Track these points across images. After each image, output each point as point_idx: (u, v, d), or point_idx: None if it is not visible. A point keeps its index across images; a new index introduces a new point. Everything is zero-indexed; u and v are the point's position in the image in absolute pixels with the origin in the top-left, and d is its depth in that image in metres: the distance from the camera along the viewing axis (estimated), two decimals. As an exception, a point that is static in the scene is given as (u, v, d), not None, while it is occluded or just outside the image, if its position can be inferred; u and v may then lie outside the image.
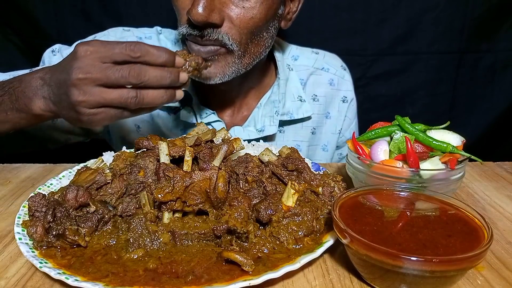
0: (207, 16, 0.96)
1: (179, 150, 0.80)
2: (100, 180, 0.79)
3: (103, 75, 0.80)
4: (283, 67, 1.34)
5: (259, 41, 1.10)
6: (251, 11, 1.02)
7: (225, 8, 1.01)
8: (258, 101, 1.33)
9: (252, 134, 1.28)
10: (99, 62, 0.80)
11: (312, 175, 0.84)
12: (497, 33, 1.87)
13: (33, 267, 0.68)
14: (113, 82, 0.81)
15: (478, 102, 1.98)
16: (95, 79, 0.80)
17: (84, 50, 0.80)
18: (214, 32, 1.01)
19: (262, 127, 1.29)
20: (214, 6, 0.98)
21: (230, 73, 1.09)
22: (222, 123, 1.29)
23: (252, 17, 1.03)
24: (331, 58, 1.45)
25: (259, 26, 1.06)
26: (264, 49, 1.15)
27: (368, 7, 1.81)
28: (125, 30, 1.34)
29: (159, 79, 0.84)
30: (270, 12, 1.07)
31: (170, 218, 0.73)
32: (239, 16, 1.02)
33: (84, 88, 0.80)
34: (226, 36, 1.02)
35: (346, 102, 1.43)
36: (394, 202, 0.73)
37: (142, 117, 1.33)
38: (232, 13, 1.01)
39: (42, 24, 1.83)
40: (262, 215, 0.72)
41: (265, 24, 1.07)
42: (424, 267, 0.54)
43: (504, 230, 0.81)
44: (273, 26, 1.13)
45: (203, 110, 1.27)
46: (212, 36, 1.01)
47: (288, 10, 1.18)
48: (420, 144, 0.85)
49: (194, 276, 0.63)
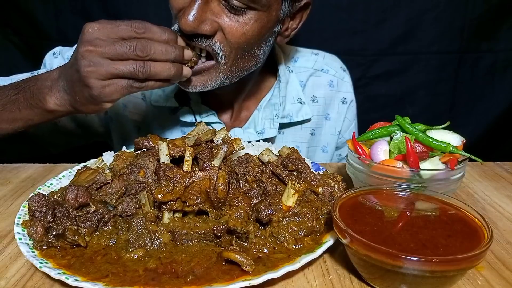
0: (196, 27, 0.94)
1: (179, 150, 0.80)
2: (100, 180, 0.79)
3: (111, 48, 0.84)
4: (284, 70, 1.33)
5: (249, 57, 1.07)
6: (244, 27, 0.99)
7: (218, 19, 0.97)
8: (258, 103, 1.33)
9: (252, 136, 1.28)
10: (106, 37, 0.85)
11: (312, 175, 0.84)
12: (497, 33, 1.87)
13: (33, 267, 0.68)
14: (121, 54, 0.85)
15: (478, 102, 1.98)
16: (103, 51, 0.84)
17: (92, 26, 0.85)
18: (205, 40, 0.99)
19: (262, 130, 1.29)
20: (205, 17, 0.95)
21: (211, 86, 1.08)
22: (221, 124, 1.29)
23: (244, 33, 0.99)
24: (330, 60, 1.45)
25: (250, 43, 1.02)
26: (255, 64, 1.11)
27: (368, 7, 1.81)
28: None
29: (164, 52, 0.88)
30: (264, 31, 1.03)
31: (170, 218, 0.74)
32: (231, 30, 0.98)
33: (93, 59, 0.84)
34: (218, 46, 1.00)
35: (346, 103, 1.43)
36: (394, 202, 0.73)
37: (142, 118, 1.33)
38: (225, 25, 0.98)
39: (42, 24, 1.83)
40: (262, 215, 0.72)
41: (257, 41, 1.04)
42: (424, 267, 0.54)
43: (504, 230, 0.81)
44: (267, 44, 1.10)
45: (202, 110, 1.27)
46: (203, 42, 0.99)
47: (287, 27, 1.15)
48: (420, 144, 0.85)
49: (194, 276, 0.63)
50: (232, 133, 1.29)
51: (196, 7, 0.93)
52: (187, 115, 1.26)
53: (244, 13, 0.98)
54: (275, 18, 1.05)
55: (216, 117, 1.28)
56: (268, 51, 1.14)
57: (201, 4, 0.94)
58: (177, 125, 1.31)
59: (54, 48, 1.30)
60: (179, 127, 1.32)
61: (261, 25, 1.02)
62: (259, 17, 1.00)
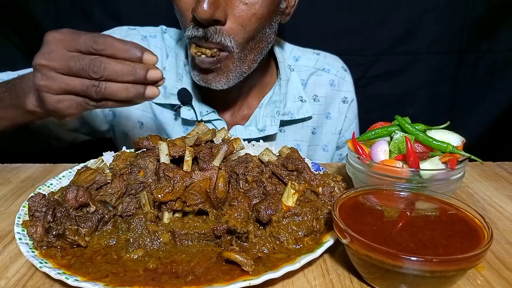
0: (212, 13, 0.99)
1: (179, 150, 0.80)
2: (100, 180, 0.78)
3: (65, 64, 0.79)
4: (285, 68, 1.35)
5: (261, 37, 1.12)
6: (253, 7, 1.04)
7: (229, 5, 1.02)
8: (259, 100, 1.34)
9: (253, 134, 1.30)
10: (64, 50, 0.80)
11: (312, 175, 0.84)
12: (497, 33, 1.87)
13: (33, 267, 0.68)
14: (73, 72, 0.79)
15: (478, 102, 1.98)
16: (57, 67, 0.79)
17: (52, 36, 0.80)
18: (217, 33, 1.03)
19: (263, 127, 1.31)
20: (219, 3, 1.00)
21: (234, 78, 1.12)
22: (223, 122, 1.30)
23: (254, 13, 1.04)
24: (332, 59, 1.46)
25: (262, 22, 1.07)
26: (267, 44, 1.16)
27: (368, 7, 1.81)
28: (130, 29, 1.36)
29: (119, 74, 0.79)
30: (272, 7, 1.08)
31: (170, 218, 0.73)
32: (241, 14, 1.03)
33: (46, 73, 0.80)
34: (228, 38, 1.04)
35: (347, 103, 1.44)
36: (394, 202, 0.73)
37: (145, 114, 1.34)
38: (235, 11, 1.03)
39: (42, 24, 1.83)
40: (262, 215, 0.72)
41: (267, 19, 1.09)
42: (424, 267, 0.54)
43: (504, 230, 0.81)
44: (276, 22, 1.14)
45: (203, 108, 1.29)
46: (215, 38, 1.03)
47: (287, 4, 1.19)
48: (420, 144, 0.85)
49: (194, 276, 0.63)
50: (234, 131, 1.31)
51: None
52: (188, 112, 1.28)
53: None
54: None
55: (217, 115, 1.30)
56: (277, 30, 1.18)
57: None
58: (179, 122, 1.33)
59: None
60: (182, 124, 1.33)
61: (270, 2, 1.07)
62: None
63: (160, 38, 1.35)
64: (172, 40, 1.35)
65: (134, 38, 1.32)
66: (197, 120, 1.27)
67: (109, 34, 1.30)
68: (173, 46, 1.34)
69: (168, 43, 1.35)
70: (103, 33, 1.32)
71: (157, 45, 1.34)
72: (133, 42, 0.81)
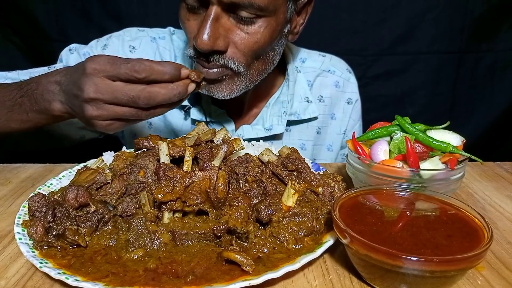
0: (212, 44, 0.98)
1: (179, 150, 0.80)
2: (100, 180, 0.79)
3: (112, 97, 0.82)
4: (293, 69, 1.37)
5: (265, 60, 1.12)
6: (255, 36, 1.02)
7: (230, 34, 1.01)
8: (267, 100, 1.36)
9: (260, 133, 1.32)
10: (107, 81, 0.82)
11: (312, 175, 0.84)
12: (497, 33, 1.87)
13: (33, 267, 0.68)
14: (122, 103, 0.83)
15: (478, 102, 1.99)
16: (105, 99, 0.83)
17: (92, 69, 0.82)
18: (220, 58, 1.02)
19: (270, 126, 1.33)
20: (219, 34, 0.99)
21: (238, 91, 1.12)
22: (232, 122, 1.32)
23: (256, 41, 1.03)
24: (337, 61, 1.49)
25: (264, 48, 1.06)
26: (272, 65, 1.16)
27: (368, 7, 1.82)
28: (139, 30, 1.37)
29: (167, 99, 0.84)
30: (275, 34, 1.07)
31: (170, 218, 0.73)
32: (243, 42, 1.02)
33: (96, 105, 0.84)
34: (232, 61, 1.03)
35: (351, 104, 1.46)
36: (394, 202, 0.73)
37: None
38: (236, 39, 1.02)
39: (42, 24, 1.83)
40: (262, 215, 0.72)
41: (270, 45, 1.08)
42: (424, 267, 0.54)
43: (504, 230, 0.81)
44: (280, 44, 1.13)
45: (213, 108, 1.30)
46: (218, 61, 1.03)
47: (295, 24, 1.18)
48: (420, 144, 0.85)
49: (194, 276, 0.63)
50: (241, 130, 1.33)
51: (209, 25, 0.96)
52: (197, 113, 1.30)
53: (253, 23, 1.01)
54: (283, 20, 1.07)
55: (226, 115, 1.31)
56: (282, 50, 1.18)
57: (213, 22, 0.97)
58: (188, 123, 1.34)
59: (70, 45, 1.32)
60: (190, 125, 1.35)
61: (272, 30, 1.04)
62: (268, 23, 1.02)
63: (168, 39, 1.36)
64: (181, 42, 1.36)
65: (143, 39, 1.33)
66: (206, 120, 1.28)
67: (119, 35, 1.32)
68: (182, 47, 1.35)
69: (177, 44, 1.36)
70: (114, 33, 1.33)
71: (166, 46, 1.35)
72: (167, 62, 0.85)
